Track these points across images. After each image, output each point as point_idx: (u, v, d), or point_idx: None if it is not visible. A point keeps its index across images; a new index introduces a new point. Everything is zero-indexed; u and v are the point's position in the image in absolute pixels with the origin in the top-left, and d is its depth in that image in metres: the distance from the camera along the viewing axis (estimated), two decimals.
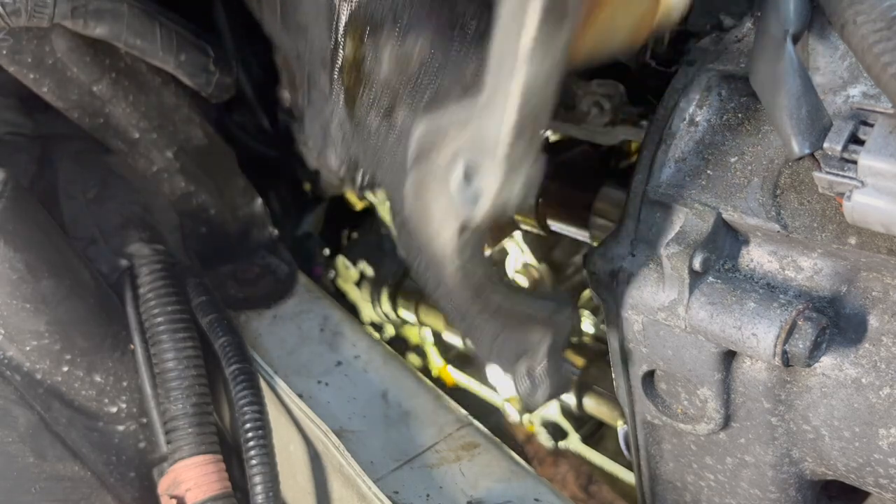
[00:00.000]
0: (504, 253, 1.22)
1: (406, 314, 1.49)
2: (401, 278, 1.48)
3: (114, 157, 1.14)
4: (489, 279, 0.58)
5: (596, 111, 0.87)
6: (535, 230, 1.05)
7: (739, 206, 0.62)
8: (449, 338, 1.41)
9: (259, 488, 0.86)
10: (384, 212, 1.42)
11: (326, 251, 1.55)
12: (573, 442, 1.26)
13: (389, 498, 0.86)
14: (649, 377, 0.72)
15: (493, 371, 1.24)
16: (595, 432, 1.26)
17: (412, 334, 1.54)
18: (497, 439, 0.96)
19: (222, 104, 1.50)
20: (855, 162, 0.52)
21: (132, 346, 0.95)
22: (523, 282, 1.19)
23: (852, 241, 0.58)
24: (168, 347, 0.92)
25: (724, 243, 0.64)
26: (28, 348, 0.86)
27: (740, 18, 0.72)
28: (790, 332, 0.58)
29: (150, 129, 1.05)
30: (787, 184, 0.61)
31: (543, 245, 1.17)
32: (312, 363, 1.06)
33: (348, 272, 1.53)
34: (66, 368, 0.89)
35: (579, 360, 1.20)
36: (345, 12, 0.58)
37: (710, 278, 0.62)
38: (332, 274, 1.56)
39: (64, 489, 0.92)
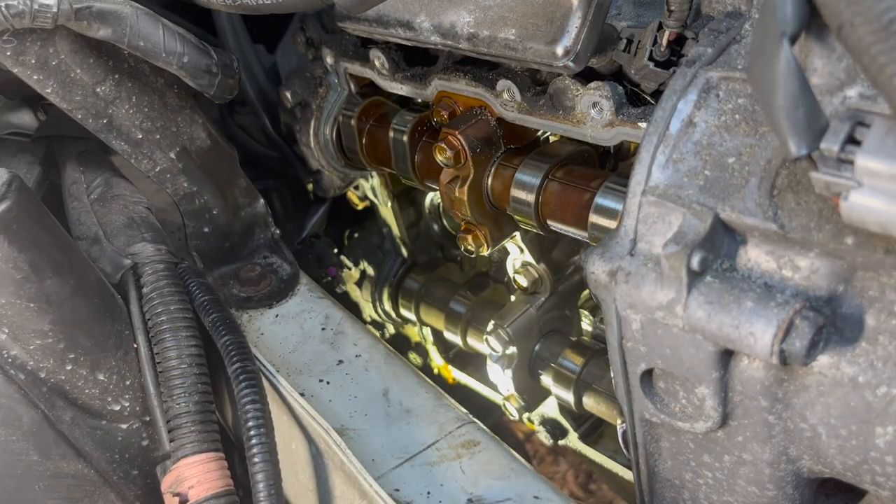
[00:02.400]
0: (504, 253, 1.22)
1: (407, 313, 1.49)
2: (401, 277, 1.49)
3: (117, 158, 1.15)
4: None
5: (595, 112, 0.88)
6: (534, 230, 1.05)
7: (737, 207, 0.62)
8: (449, 336, 1.41)
9: (261, 486, 0.87)
10: (384, 212, 1.42)
11: (335, 251, 1.56)
12: (572, 440, 1.26)
13: (390, 495, 0.86)
14: (648, 376, 0.72)
15: (493, 369, 1.25)
16: (594, 430, 1.27)
17: (413, 333, 1.54)
18: (497, 437, 0.96)
19: (225, 105, 1.51)
20: (852, 162, 0.52)
21: (135, 345, 0.95)
22: (523, 282, 1.20)
23: (849, 240, 0.58)
24: (171, 346, 0.92)
25: (721, 243, 0.64)
26: (32, 347, 0.87)
27: (738, 19, 0.72)
28: (787, 331, 0.58)
29: (153, 129, 1.06)
30: (785, 184, 0.61)
31: (543, 245, 1.17)
32: (314, 362, 1.06)
33: (349, 272, 1.53)
34: (69, 367, 0.89)
35: (578, 359, 1.20)
36: None
37: (708, 278, 0.62)
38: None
39: (67, 487, 0.93)
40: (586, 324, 1.29)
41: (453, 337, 1.40)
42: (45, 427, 0.90)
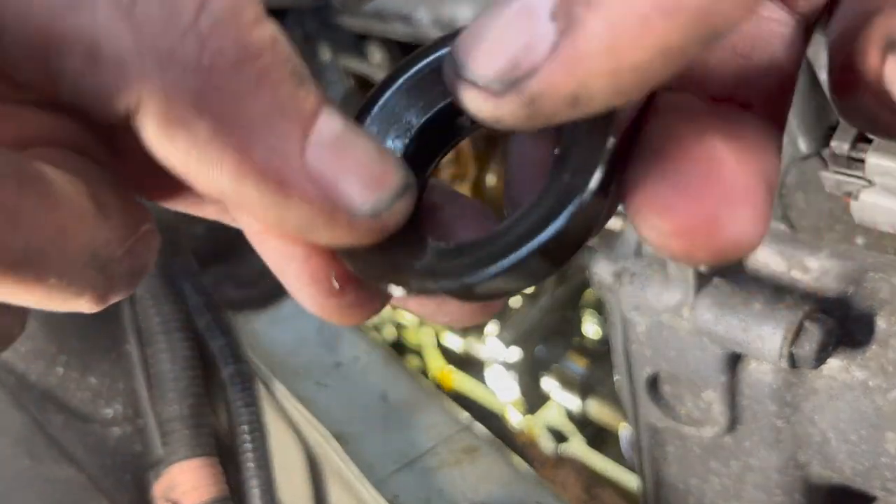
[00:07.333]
0: None
1: (406, 315, 1.48)
2: None
3: None
4: None
5: None
6: None
7: None
8: (449, 339, 1.40)
9: (255, 492, 0.86)
10: None
11: None
12: (575, 445, 1.25)
13: (389, 502, 0.85)
14: (653, 380, 0.71)
15: (494, 373, 1.23)
16: (597, 435, 1.26)
17: (412, 336, 1.53)
18: (498, 442, 0.95)
19: None
20: (862, 161, 0.51)
21: (127, 348, 0.94)
22: None
23: (860, 241, 0.57)
24: (164, 349, 0.91)
25: None
26: (23, 350, 0.86)
27: None
28: (797, 334, 0.57)
29: None
30: (794, 183, 0.60)
31: None
32: (311, 364, 1.05)
33: None
34: (60, 370, 0.88)
35: (582, 362, 1.19)
36: None
37: (716, 279, 0.61)
38: None
39: (58, 492, 0.92)
40: (590, 325, 1.27)
41: (453, 339, 1.38)
42: (35, 431, 0.89)
